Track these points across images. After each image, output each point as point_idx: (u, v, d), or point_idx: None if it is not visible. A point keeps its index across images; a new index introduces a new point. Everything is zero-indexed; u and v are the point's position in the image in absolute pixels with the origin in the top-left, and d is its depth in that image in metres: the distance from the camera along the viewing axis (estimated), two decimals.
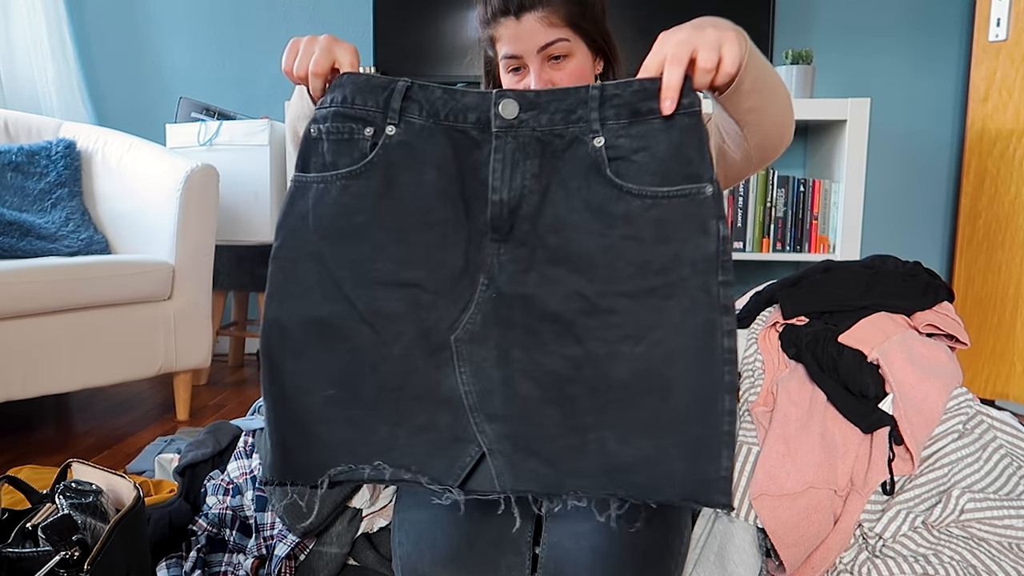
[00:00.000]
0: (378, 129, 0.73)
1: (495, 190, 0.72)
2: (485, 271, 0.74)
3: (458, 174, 0.73)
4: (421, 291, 0.74)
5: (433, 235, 0.74)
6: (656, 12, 2.36)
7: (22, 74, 2.64)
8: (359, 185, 0.73)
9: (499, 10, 1.02)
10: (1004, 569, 0.92)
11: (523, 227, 0.73)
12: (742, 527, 0.99)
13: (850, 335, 1.12)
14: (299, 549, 1.11)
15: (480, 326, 0.74)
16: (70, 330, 1.83)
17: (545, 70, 1.03)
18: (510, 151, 0.72)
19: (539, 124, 0.72)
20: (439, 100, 0.73)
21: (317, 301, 0.75)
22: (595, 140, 0.71)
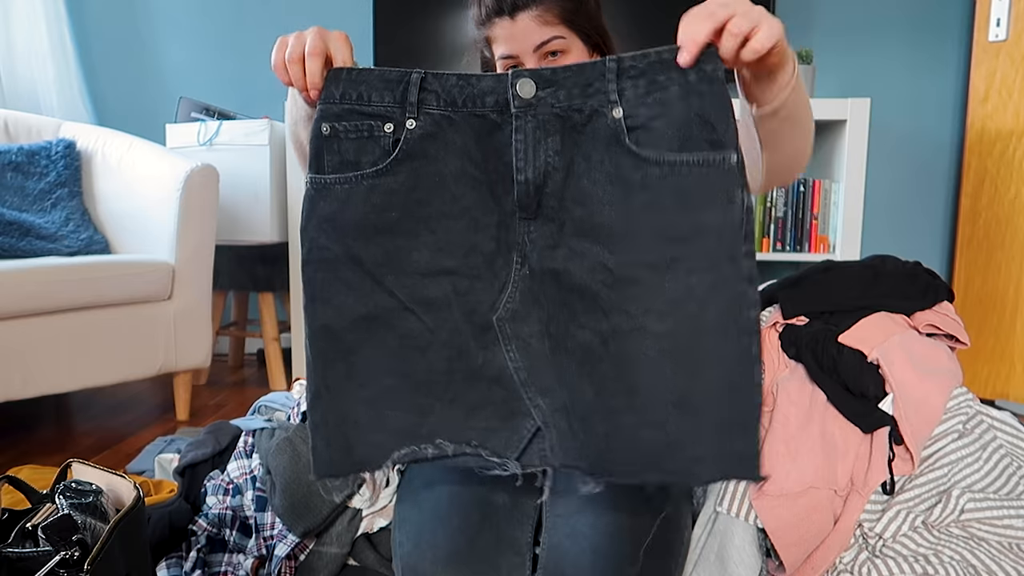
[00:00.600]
0: (398, 124, 0.73)
1: (519, 170, 0.73)
2: (517, 250, 0.75)
3: (482, 159, 0.73)
4: (458, 276, 0.76)
5: (464, 221, 0.74)
6: (650, 7, 2.36)
7: (22, 74, 2.64)
8: (386, 182, 0.74)
9: (493, 10, 1.02)
10: (1004, 569, 0.92)
11: (550, 203, 0.73)
12: (742, 527, 0.99)
13: (850, 335, 1.12)
14: (299, 549, 1.11)
15: (520, 303, 0.75)
16: (70, 330, 1.83)
17: None
18: (531, 130, 0.72)
19: (557, 100, 0.72)
20: (455, 88, 0.73)
21: (360, 299, 0.76)
22: (614, 111, 0.70)
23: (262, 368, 2.67)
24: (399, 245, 0.75)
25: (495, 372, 0.77)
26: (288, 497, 1.10)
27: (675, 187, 0.69)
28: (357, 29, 2.65)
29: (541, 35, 1.01)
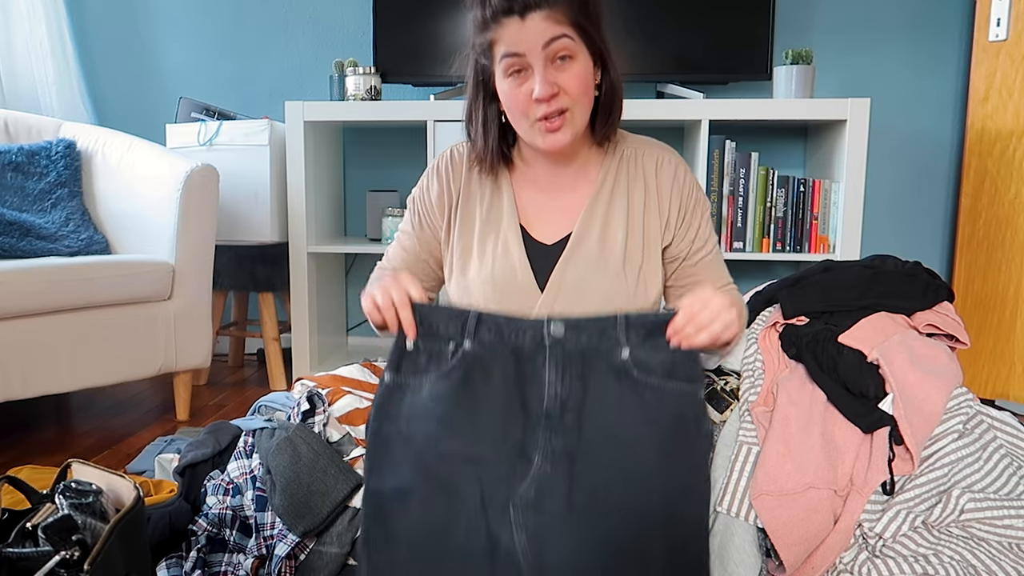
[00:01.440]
0: (458, 344, 0.93)
1: (550, 384, 0.91)
2: (539, 451, 0.90)
3: (516, 376, 0.92)
4: (487, 464, 0.91)
5: (497, 421, 0.92)
6: (649, 11, 2.36)
7: (22, 74, 2.64)
8: (445, 384, 0.92)
9: (502, 9, 0.99)
10: (1004, 569, 0.92)
11: (569, 416, 0.91)
12: (742, 527, 0.99)
13: (850, 335, 1.12)
14: (299, 549, 1.11)
15: (534, 496, 0.89)
16: (70, 330, 1.83)
17: (550, 71, 1.00)
18: (560, 358, 0.92)
19: (580, 341, 0.92)
20: (503, 323, 0.93)
21: (401, 473, 0.92)
22: (622, 353, 0.91)
23: (262, 368, 2.66)
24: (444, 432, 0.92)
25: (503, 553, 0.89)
26: (288, 497, 1.10)
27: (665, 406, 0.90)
28: (357, 29, 2.65)
29: (551, 33, 0.98)
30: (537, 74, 1.00)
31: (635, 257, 1.10)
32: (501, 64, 1.02)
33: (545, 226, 1.13)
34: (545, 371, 0.92)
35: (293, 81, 2.72)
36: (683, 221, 1.13)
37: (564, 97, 1.01)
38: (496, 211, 1.13)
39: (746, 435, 1.05)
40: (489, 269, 1.11)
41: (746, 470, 1.01)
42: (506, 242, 1.11)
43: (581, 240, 1.10)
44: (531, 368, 0.92)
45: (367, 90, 2.36)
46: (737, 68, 2.36)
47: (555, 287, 1.09)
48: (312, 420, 1.20)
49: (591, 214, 1.11)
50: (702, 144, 2.23)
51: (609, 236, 1.10)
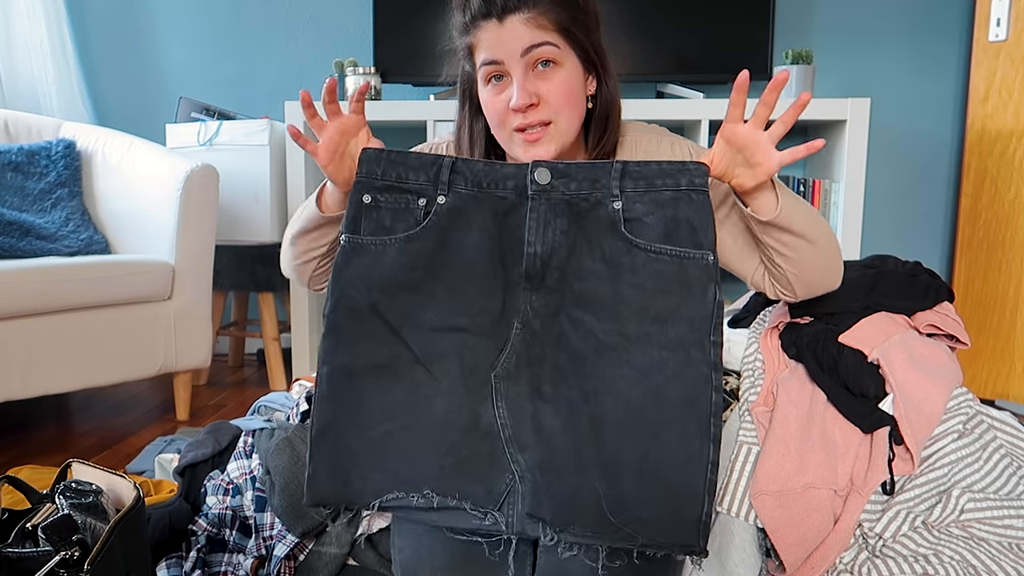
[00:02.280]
0: (430, 199, 0.85)
1: (530, 244, 0.83)
2: (519, 316, 0.84)
3: (498, 233, 0.84)
4: (467, 334, 0.84)
5: (477, 286, 0.84)
6: (648, 11, 2.36)
7: (22, 74, 2.64)
8: (416, 246, 0.84)
9: (479, 13, 0.93)
10: (1004, 569, 0.92)
11: (553, 276, 0.83)
12: (742, 527, 0.99)
13: (850, 335, 1.12)
14: (299, 549, 1.11)
15: (514, 365, 0.84)
16: (70, 330, 1.83)
17: (529, 79, 0.93)
18: (543, 211, 0.83)
19: (568, 189, 0.83)
20: (481, 171, 0.85)
21: (377, 347, 0.85)
22: (614, 203, 0.83)
23: (262, 368, 2.66)
24: (418, 302, 0.85)
25: (485, 427, 0.84)
26: (287, 497, 1.10)
27: (658, 271, 0.81)
28: (357, 29, 2.65)
29: (532, 38, 0.91)
30: (515, 82, 0.93)
31: None
32: (481, 71, 0.96)
33: None
34: (525, 225, 0.83)
35: (293, 81, 2.72)
36: None
37: (545, 108, 0.94)
38: None
39: (746, 435, 1.05)
40: None
41: (746, 470, 1.01)
42: None
43: None
44: (512, 222, 0.84)
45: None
46: (737, 68, 2.32)
47: None
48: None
49: None
50: (702, 144, 2.23)
51: None
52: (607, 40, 1.01)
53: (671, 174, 0.82)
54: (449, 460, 0.84)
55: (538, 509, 0.83)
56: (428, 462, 0.84)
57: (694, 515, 0.80)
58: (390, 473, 0.85)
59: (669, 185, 0.82)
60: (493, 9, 0.92)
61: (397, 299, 0.84)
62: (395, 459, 0.85)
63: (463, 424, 0.84)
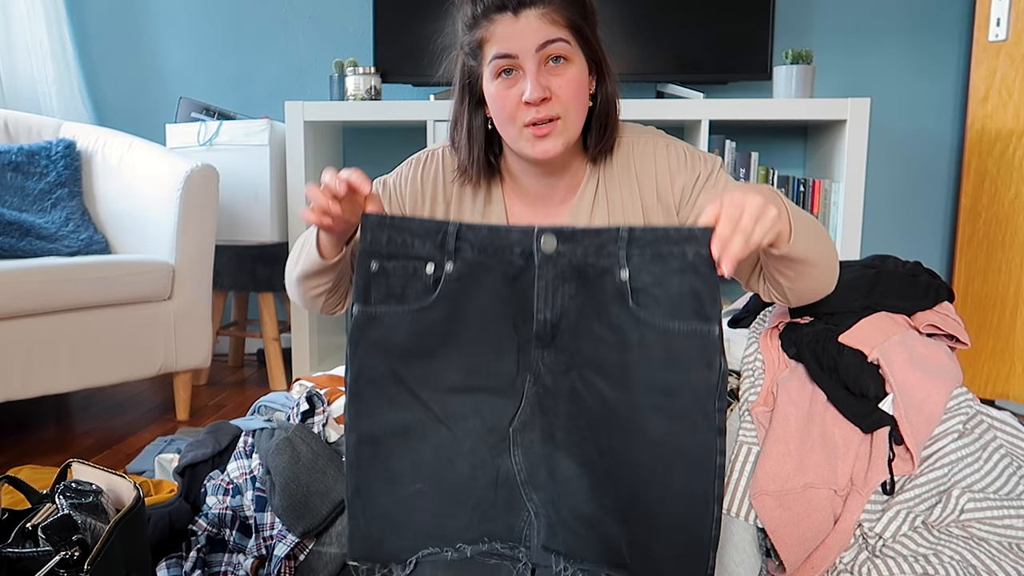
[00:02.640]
0: (438, 265, 0.85)
1: (539, 310, 0.84)
2: (531, 371, 0.86)
3: (507, 296, 0.85)
4: (484, 394, 0.87)
5: (490, 348, 0.86)
6: (648, 11, 2.36)
7: (22, 74, 2.64)
8: (428, 317, 0.85)
9: (493, 5, 0.93)
10: (1004, 569, 0.92)
11: (564, 337, 0.85)
12: (742, 527, 0.99)
13: (850, 335, 1.12)
14: (299, 549, 1.11)
15: (529, 415, 0.87)
16: (70, 330, 1.83)
17: (543, 74, 0.94)
18: (551, 278, 0.83)
19: (575, 256, 0.83)
20: (486, 237, 0.84)
21: (400, 412, 0.87)
22: (621, 273, 0.81)
23: (262, 368, 2.66)
24: (435, 367, 0.87)
25: (504, 476, 0.88)
26: (287, 497, 1.10)
27: (666, 348, 0.81)
28: (357, 29, 2.65)
29: (546, 33, 0.93)
30: (528, 76, 0.94)
31: None
32: (491, 65, 0.96)
33: None
34: (534, 292, 0.84)
35: (293, 81, 2.72)
36: (681, 193, 1.06)
37: (556, 103, 0.95)
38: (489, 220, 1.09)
39: (746, 435, 1.05)
40: None
41: (746, 470, 1.01)
42: None
43: None
44: (521, 286, 0.84)
45: (367, 90, 2.36)
46: (737, 68, 2.36)
47: None
48: (311, 420, 1.20)
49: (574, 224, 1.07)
50: (702, 144, 2.23)
51: None
52: (606, 41, 1.02)
53: (678, 241, 0.80)
54: (477, 514, 0.88)
55: (552, 542, 0.87)
56: (458, 517, 0.88)
57: (700, 568, 0.83)
58: (422, 531, 0.88)
59: (676, 254, 0.80)
60: (509, 2, 0.93)
61: (414, 366, 0.87)
62: (426, 517, 0.88)
63: (487, 479, 0.87)
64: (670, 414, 0.82)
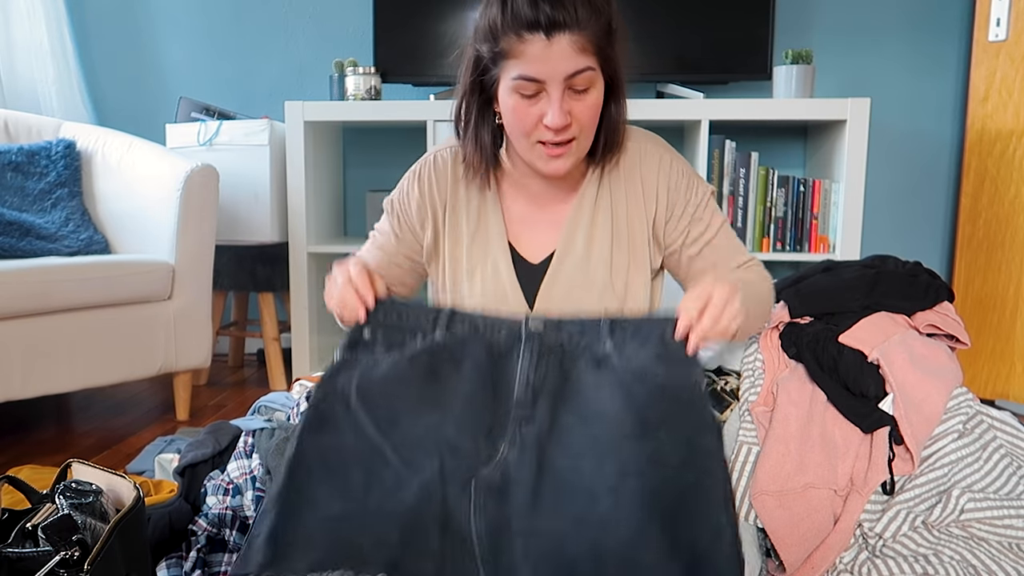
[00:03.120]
0: (427, 335, 0.90)
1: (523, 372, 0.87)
2: (507, 439, 0.85)
3: (490, 365, 0.88)
4: (449, 439, 0.85)
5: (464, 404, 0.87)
6: (648, 11, 2.36)
7: (22, 74, 2.64)
8: (405, 366, 0.88)
9: (526, 23, 0.89)
10: (1004, 569, 0.92)
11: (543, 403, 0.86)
12: (742, 527, 0.99)
13: (850, 335, 1.12)
14: None
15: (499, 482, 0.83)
16: (70, 330, 1.83)
17: (566, 100, 0.94)
18: (536, 349, 0.88)
19: (559, 337, 0.89)
20: (479, 319, 0.90)
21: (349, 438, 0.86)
22: (605, 346, 0.87)
23: (262, 368, 2.66)
24: (405, 410, 0.86)
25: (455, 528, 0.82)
26: None
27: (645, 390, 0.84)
28: (357, 29, 2.65)
29: (575, 64, 0.91)
30: (554, 102, 0.93)
31: (622, 264, 1.07)
32: (513, 82, 0.94)
33: (532, 242, 1.10)
34: (519, 360, 0.87)
35: (293, 81, 2.72)
36: (672, 212, 1.07)
37: (575, 126, 0.96)
38: (484, 225, 1.10)
39: (746, 435, 1.05)
40: (479, 289, 1.08)
41: (746, 470, 1.01)
42: (495, 262, 1.08)
43: (564, 257, 1.07)
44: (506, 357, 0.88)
45: (367, 90, 2.36)
46: (737, 68, 2.36)
47: (543, 306, 1.07)
48: None
49: (573, 228, 1.08)
50: (702, 144, 2.23)
51: (595, 248, 1.07)
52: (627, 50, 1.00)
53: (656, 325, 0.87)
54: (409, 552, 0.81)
55: None
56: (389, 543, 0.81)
57: None
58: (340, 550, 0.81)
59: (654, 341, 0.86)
60: (542, 22, 0.89)
61: (383, 405, 0.87)
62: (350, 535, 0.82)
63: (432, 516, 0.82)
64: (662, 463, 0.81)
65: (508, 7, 0.91)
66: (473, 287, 1.09)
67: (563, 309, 1.05)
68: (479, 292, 1.08)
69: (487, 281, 1.08)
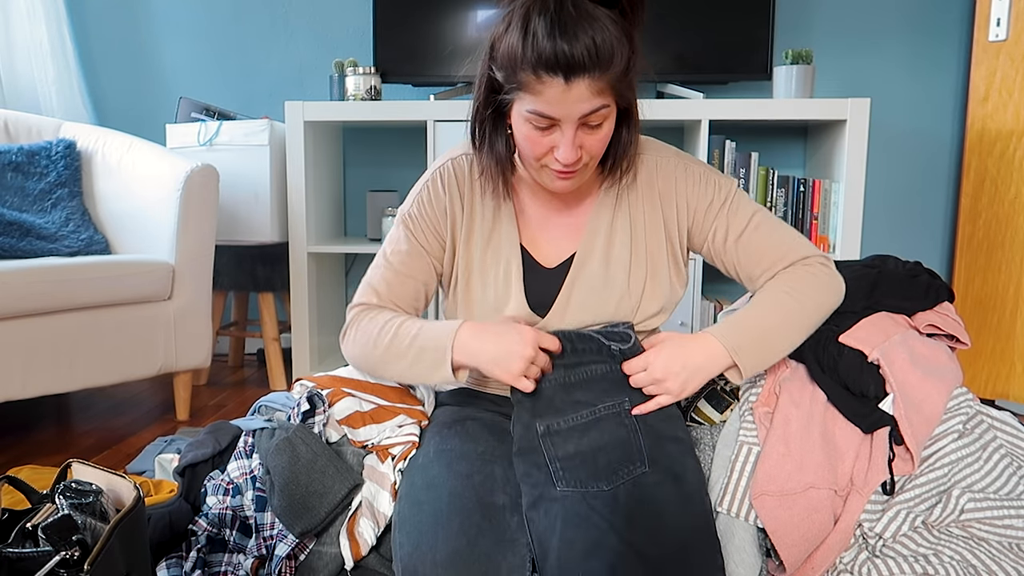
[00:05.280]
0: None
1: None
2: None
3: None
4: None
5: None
6: (649, 11, 2.36)
7: (22, 74, 2.64)
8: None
9: (546, 64, 0.87)
10: (1004, 569, 0.92)
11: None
12: (742, 527, 0.99)
13: (851, 335, 1.12)
14: (299, 549, 1.11)
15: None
16: (70, 330, 1.83)
17: (579, 135, 0.94)
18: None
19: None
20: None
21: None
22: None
23: (262, 368, 2.66)
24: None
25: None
26: (286, 497, 1.10)
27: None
28: (357, 29, 2.65)
29: (591, 104, 0.90)
30: (565, 139, 0.93)
31: (640, 271, 1.08)
32: (527, 113, 0.93)
33: (548, 246, 1.10)
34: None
35: (293, 81, 2.72)
36: (694, 217, 1.08)
37: (585, 156, 0.96)
38: (498, 230, 1.10)
39: (746, 435, 1.05)
40: (492, 296, 1.08)
41: (746, 470, 1.01)
42: (507, 266, 1.08)
43: (585, 261, 1.07)
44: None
45: (367, 90, 2.36)
46: (737, 68, 2.36)
47: (560, 309, 1.07)
48: (312, 420, 1.20)
49: (593, 233, 1.08)
50: (702, 144, 2.23)
51: (614, 253, 1.07)
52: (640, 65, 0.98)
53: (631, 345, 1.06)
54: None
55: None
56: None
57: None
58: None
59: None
60: (563, 67, 0.87)
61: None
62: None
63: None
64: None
65: (529, 41, 0.88)
66: (485, 291, 1.09)
67: (580, 314, 1.07)
68: (491, 296, 1.08)
69: (499, 287, 1.08)
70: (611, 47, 0.88)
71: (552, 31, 0.86)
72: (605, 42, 0.87)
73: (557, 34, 0.86)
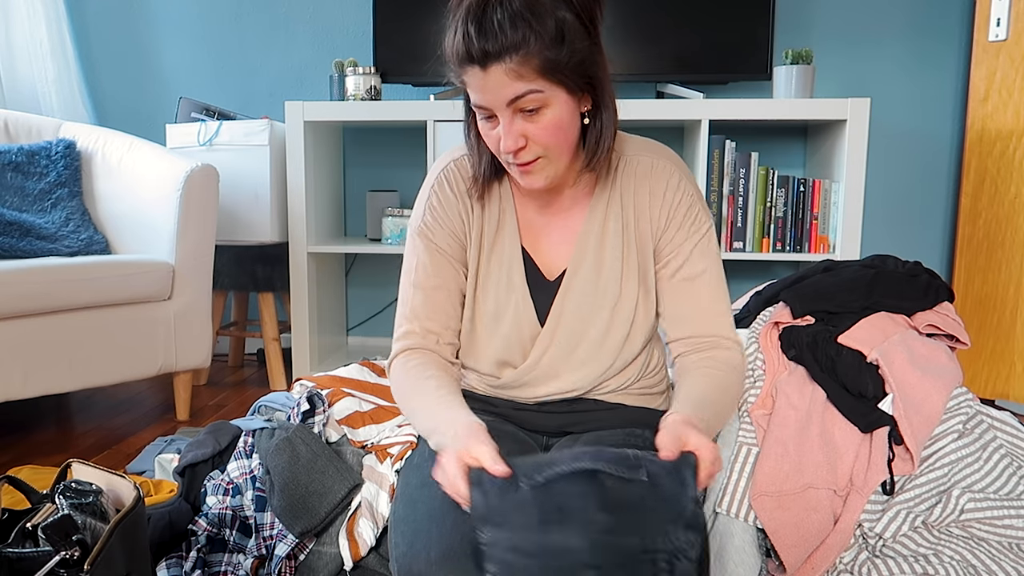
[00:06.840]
0: None
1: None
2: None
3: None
4: None
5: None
6: (648, 11, 2.36)
7: (22, 74, 2.64)
8: None
9: (463, 58, 0.90)
10: (1004, 569, 0.92)
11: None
12: (742, 527, 0.99)
13: (850, 335, 1.12)
14: (299, 549, 1.11)
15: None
16: (70, 330, 1.83)
17: (516, 123, 0.92)
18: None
19: None
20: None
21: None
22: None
23: (262, 368, 2.67)
24: None
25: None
26: (286, 497, 1.10)
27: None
28: (357, 29, 2.65)
29: (514, 90, 0.89)
30: (503, 128, 0.93)
31: (632, 279, 1.06)
32: (474, 108, 0.96)
33: (549, 253, 1.09)
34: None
35: (293, 81, 2.72)
36: (663, 234, 1.05)
37: (533, 147, 0.94)
38: (500, 235, 1.09)
39: (745, 436, 1.05)
40: (492, 303, 1.08)
41: (745, 471, 1.01)
42: (510, 274, 1.07)
43: (577, 271, 1.06)
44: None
45: (367, 90, 2.36)
46: (737, 68, 2.36)
47: (555, 320, 1.06)
48: (312, 420, 1.20)
49: (584, 244, 1.06)
50: (702, 144, 2.23)
51: (605, 259, 1.05)
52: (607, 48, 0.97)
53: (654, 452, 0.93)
54: None
55: None
56: None
57: None
58: None
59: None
60: (474, 57, 0.89)
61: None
62: None
63: None
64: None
65: (452, 39, 0.91)
66: (487, 296, 1.08)
67: (575, 322, 1.05)
68: (492, 302, 1.08)
69: (500, 293, 1.08)
70: (526, 23, 0.87)
71: (467, 21, 0.88)
72: (517, 28, 0.87)
73: (470, 24, 0.88)
